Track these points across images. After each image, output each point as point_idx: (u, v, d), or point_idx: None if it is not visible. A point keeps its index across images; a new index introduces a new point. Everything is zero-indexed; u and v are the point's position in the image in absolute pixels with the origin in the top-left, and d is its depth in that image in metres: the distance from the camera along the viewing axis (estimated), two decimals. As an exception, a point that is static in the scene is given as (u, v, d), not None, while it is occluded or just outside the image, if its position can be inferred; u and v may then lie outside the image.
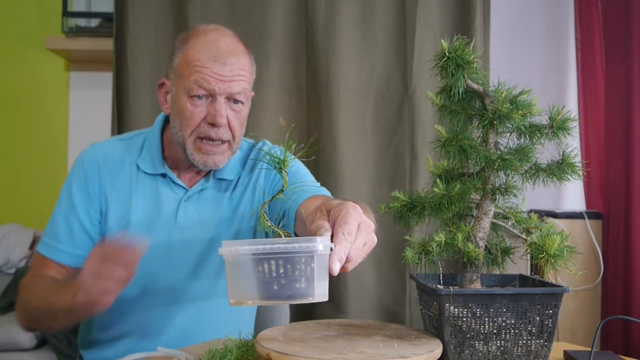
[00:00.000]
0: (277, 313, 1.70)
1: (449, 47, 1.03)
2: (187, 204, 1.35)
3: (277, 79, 2.25)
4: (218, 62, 1.24)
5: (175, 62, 1.30)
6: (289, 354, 0.93)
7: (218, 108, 1.25)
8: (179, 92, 1.27)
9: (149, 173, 1.35)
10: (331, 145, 2.22)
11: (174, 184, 1.35)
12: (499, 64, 2.35)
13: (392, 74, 2.30)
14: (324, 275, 0.77)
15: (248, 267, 0.74)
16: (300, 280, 0.74)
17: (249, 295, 0.75)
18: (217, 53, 1.25)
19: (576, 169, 1.07)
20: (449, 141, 1.07)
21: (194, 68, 1.25)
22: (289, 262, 0.73)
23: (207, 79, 1.24)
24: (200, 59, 1.25)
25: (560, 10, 2.83)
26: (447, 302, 1.01)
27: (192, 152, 1.28)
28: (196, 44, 1.27)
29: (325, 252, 0.76)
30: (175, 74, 1.29)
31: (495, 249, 1.12)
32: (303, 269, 0.74)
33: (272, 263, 0.73)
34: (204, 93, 1.25)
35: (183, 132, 1.28)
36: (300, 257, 0.74)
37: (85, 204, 1.34)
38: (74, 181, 1.35)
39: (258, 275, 0.74)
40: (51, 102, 2.92)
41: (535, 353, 1.04)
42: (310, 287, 0.75)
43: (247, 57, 1.31)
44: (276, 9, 2.24)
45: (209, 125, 1.26)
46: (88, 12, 2.73)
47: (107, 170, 1.35)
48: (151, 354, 1.11)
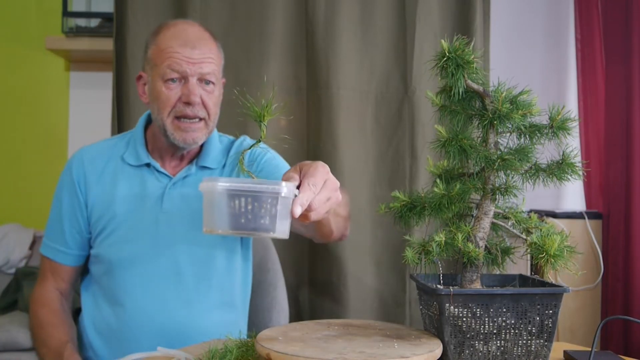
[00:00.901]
0: (276, 313, 1.70)
1: (449, 47, 1.03)
2: (171, 191, 1.42)
3: (277, 79, 2.25)
4: (187, 47, 1.36)
5: (149, 53, 1.41)
6: (289, 354, 0.93)
7: (191, 88, 1.36)
8: (155, 79, 1.38)
9: (133, 165, 1.43)
10: (331, 145, 2.22)
11: (158, 172, 1.43)
12: (499, 64, 2.35)
13: (392, 74, 2.30)
14: (286, 216, 0.88)
15: (222, 201, 0.85)
16: (265, 217, 0.86)
17: (220, 225, 0.86)
18: (186, 39, 1.37)
19: (576, 169, 1.07)
20: (449, 141, 1.07)
21: (166, 54, 1.36)
22: (256, 200, 0.85)
23: (178, 62, 1.35)
24: (172, 46, 1.36)
25: (560, 10, 2.83)
26: (447, 302, 1.01)
27: (172, 132, 1.38)
28: (166, 34, 1.39)
29: (289, 196, 0.87)
30: (149, 64, 1.40)
31: (495, 249, 1.12)
32: (268, 208, 0.86)
33: (242, 200, 0.84)
34: (177, 76, 1.36)
35: (161, 114, 1.37)
36: (267, 197, 0.85)
37: (73, 207, 1.43)
38: (63, 185, 1.46)
39: (229, 210, 0.85)
40: (51, 102, 2.92)
41: (535, 353, 1.04)
42: (272, 224, 0.86)
43: (214, 44, 1.42)
44: (276, 9, 2.24)
45: (184, 104, 1.36)
46: (88, 12, 2.73)
47: (92, 170, 1.43)
48: (151, 354, 1.11)
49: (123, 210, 1.40)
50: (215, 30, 2.26)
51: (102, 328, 1.40)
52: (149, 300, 1.37)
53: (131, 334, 1.36)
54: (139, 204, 1.41)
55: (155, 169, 1.43)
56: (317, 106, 2.25)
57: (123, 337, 1.37)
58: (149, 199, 1.41)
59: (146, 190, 1.41)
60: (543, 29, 2.84)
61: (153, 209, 1.40)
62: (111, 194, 1.41)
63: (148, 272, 1.38)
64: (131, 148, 1.46)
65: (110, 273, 1.39)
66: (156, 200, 1.41)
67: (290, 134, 2.25)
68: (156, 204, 1.41)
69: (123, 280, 1.38)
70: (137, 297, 1.37)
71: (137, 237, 1.39)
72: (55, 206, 1.47)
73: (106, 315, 1.39)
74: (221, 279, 1.43)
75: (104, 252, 1.40)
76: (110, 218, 1.40)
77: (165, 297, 1.38)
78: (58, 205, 1.45)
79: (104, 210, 1.41)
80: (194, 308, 1.39)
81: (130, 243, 1.39)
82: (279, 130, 2.22)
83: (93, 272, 1.44)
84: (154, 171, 1.43)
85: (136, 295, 1.37)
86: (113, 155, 1.46)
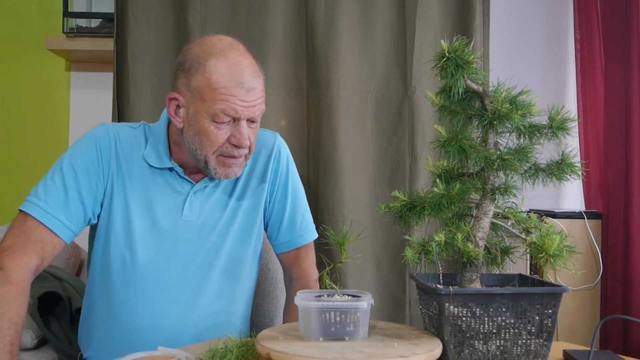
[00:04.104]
0: (276, 313, 1.70)
1: (449, 48, 1.04)
2: (193, 198, 1.38)
3: (277, 79, 2.25)
4: (243, 89, 1.27)
5: (195, 83, 1.28)
6: (289, 354, 0.93)
7: (243, 132, 1.29)
8: (201, 113, 1.28)
9: (155, 167, 1.37)
10: (331, 145, 2.22)
11: (181, 178, 1.38)
12: (499, 64, 2.35)
13: (392, 74, 2.30)
14: (366, 321, 1.06)
15: (315, 315, 1.04)
16: (350, 325, 1.04)
17: (314, 335, 1.04)
18: (242, 80, 1.27)
19: (575, 169, 1.08)
20: (448, 141, 1.08)
21: (221, 96, 1.26)
22: (343, 313, 1.04)
23: (234, 107, 1.26)
24: (227, 87, 1.26)
25: (559, 11, 2.84)
26: (446, 302, 1.02)
27: (214, 167, 1.32)
28: (217, 67, 1.27)
29: (367, 307, 1.05)
30: (193, 94, 1.29)
31: (494, 248, 1.12)
32: (352, 317, 1.04)
33: (332, 313, 1.04)
34: (229, 120, 1.28)
35: (205, 151, 1.31)
36: (351, 310, 1.04)
37: (89, 180, 1.33)
38: (82, 155, 1.34)
39: (321, 321, 1.03)
40: (52, 103, 2.92)
41: (535, 352, 1.04)
42: (356, 330, 1.04)
43: (261, 74, 1.33)
44: (276, 9, 2.25)
45: (232, 146, 1.31)
46: (89, 13, 2.73)
47: (121, 154, 1.37)
48: (151, 354, 1.12)
49: (142, 210, 1.36)
50: (215, 30, 2.28)
51: (106, 333, 1.37)
52: (159, 307, 1.35)
53: (138, 340, 1.34)
54: (160, 208, 1.37)
55: (178, 174, 1.38)
56: (317, 106, 2.25)
57: (127, 343, 1.33)
58: (169, 205, 1.37)
59: (167, 195, 1.37)
60: (542, 29, 2.85)
61: (173, 215, 1.37)
62: (133, 190, 1.36)
63: (161, 279, 1.35)
64: (151, 147, 1.38)
65: (122, 276, 1.35)
66: (177, 206, 1.38)
67: (290, 134, 2.25)
68: (177, 211, 1.37)
69: (135, 286, 1.34)
70: (148, 303, 1.35)
71: (155, 243, 1.36)
72: (60, 174, 1.32)
73: (113, 319, 1.36)
74: (234, 289, 1.43)
75: (116, 253, 1.35)
76: (128, 215, 1.35)
77: (177, 306, 1.36)
78: (70, 173, 1.32)
79: (123, 206, 1.35)
80: (202, 315, 1.38)
81: (146, 248, 1.35)
82: (279, 130, 2.23)
83: (103, 273, 1.38)
84: (177, 177, 1.38)
85: (147, 302, 1.35)
86: (136, 149, 1.38)
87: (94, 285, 1.41)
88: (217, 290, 1.39)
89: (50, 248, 1.30)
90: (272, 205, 1.48)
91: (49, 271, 1.96)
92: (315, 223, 1.57)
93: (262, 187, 1.45)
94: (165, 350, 1.11)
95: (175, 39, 2.22)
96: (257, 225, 1.45)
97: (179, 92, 1.32)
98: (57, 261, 2.30)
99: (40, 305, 1.79)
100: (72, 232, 1.33)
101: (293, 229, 1.50)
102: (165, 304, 1.35)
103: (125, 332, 1.35)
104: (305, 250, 1.52)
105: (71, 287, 1.96)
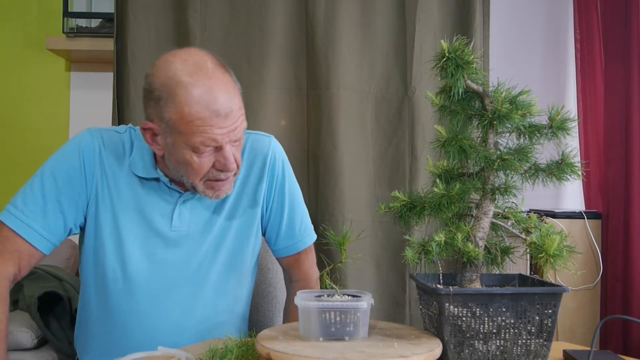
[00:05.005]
0: (276, 313, 1.70)
1: (449, 48, 1.04)
2: (182, 208, 1.34)
3: (277, 79, 2.25)
4: (220, 117, 1.18)
5: (167, 115, 1.19)
6: (289, 354, 0.93)
7: (227, 156, 1.22)
8: (179, 145, 1.21)
9: (141, 177, 1.32)
10: (331, 145, 2.22)
11: (168, 188, 1.33)
12: (499, 64, 2.35)
13: (392, 74, 2.30)
14: (366, 321, 1.07)
15: (315, 315, 1.04)
16: (350, 325, 1.05)
17: (314, 335, 1.04)
18: (216, 107, 1.17)
19: (575, 169, 1.08)
20: (448, 141, 1.08)
21: (197, 128, 1.17)
22: (343, 313, 1.04)
23: (213, 138, 1.18)
24: (202, 118, 1.17)
25: (559, 11, 2.84)
26: (446, 302, 1.02)
27: (203, 191, 1.28)
28: (188, 98, 1.16)
29: (367, 307, 1.06)
30: (168, 125, 1.20)
31: (494, 248, 1.12)
32: (352, 317, 1.05)
33: (332, 313, 1.04)
34: (211, 149, 1.21)
35: (191, 179, 1.26)
36: (351, 310, 1.04)
37: (71, 189, 1.29)
38: (65, 163, 1.30)
39: (321, 321, 1.04)
40: (52, 103, 2.92)
41: (535, 352, 1.04)
42: (356, 330, 1.05)
43: (236, 88, 1.24)
44: (276, 9, 2.25)
45: (219, 171, 1.25)
46: (89, 13, 2.73)
47: (106, 161, 1.31)
48: (151, 354, 1.12)
49: (130, 221, 1.32)
50: (215, 31, 2.29)
51: (102, 341, 1.36)
52: (154, 316, 1.33)
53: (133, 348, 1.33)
54: (148, 219, 1.33)
55: (165, 184, 1.33)
56: (317, 106, 2.25)
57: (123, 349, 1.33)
58: (157, 215, 1.33)
59: (154, 205, 1.33)
60: (542, 29, 2.85)
61: (162, 226, 1.33)
62: (118, 201, 1.31)
63: (154, 287, 1.33)
64: (137, 157, 1.32)
65: (115, 288, 1.33)
66: (166, 217, 1.33)
67: (290, 134, 2.25)
68: (166, 221, 1.33)
69: (130, 297, 1.32)
70: (143, 313, 1.33)
71: (147, 251, 1.33)
72: (39, 183, 1.28)
73: (109, 327, 1.35)
74: (234, 290, 1.42)
75: (108, 264, 1.32)
76: (115, 227, 1.31)
77: (175, 309, 1.35)
78: (50, 183, 1.27)
79: (109, 218, 1.31)
80: (198, 319, 1.37)
81: (139, 257, 1.32)
82: (279, 130, 2.23)
83: (97, 284, 1.35)
84: (164, 186, 1.33)
85: (142, 311, 1.33)
86: (122, 157, 1.33)
87: (89, 296, 1.37)
88: (216, 292, 1.39)
89: (27, 257, 1.27)
90: (269, 211, 1.44)
91: (49, 271, 1.96)
92: (315, 223, 1.57)
93: (259, 193, 1.42)
94: (165, 350, 1.11)
95: (175, 39, 2.22)
96: (256, 225, 1.44)
97: (152, 121, 1.23)
98: (57, 261, 2.30)
99: (40, 305, 1.80)
100: (50, 243, 1.29)
101: (292, 234, 1.47)
102: (165, 315, 1.34)
103: (123, 339, 1.34)
104: (305, 253, 1.50)
105: (71, 287, 1.96)
